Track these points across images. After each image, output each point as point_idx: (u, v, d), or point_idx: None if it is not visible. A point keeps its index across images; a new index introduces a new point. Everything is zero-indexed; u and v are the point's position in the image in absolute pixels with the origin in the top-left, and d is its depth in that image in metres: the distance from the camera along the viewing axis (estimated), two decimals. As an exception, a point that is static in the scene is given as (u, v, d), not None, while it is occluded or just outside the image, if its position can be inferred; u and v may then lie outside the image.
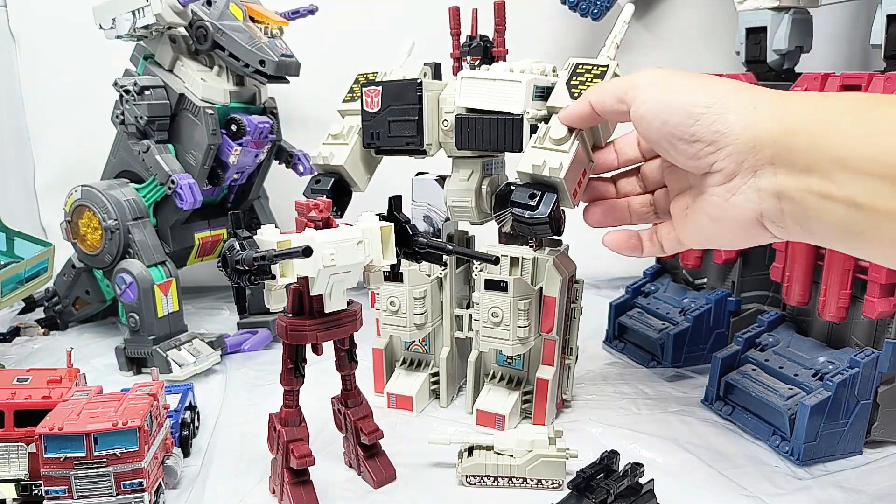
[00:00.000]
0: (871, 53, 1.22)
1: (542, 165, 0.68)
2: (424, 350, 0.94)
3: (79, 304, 1.22)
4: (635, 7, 1.35)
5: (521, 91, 0.72)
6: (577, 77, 0.73)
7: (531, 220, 0.68)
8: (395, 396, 0.90)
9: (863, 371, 0.75)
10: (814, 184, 0.47)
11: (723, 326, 1.03)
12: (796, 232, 0.51)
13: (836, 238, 0.49)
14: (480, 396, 0.87)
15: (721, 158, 0.52)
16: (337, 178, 0.86)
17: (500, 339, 0.81)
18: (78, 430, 0.62)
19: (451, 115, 0.80)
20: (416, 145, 0.82)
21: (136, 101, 1.04)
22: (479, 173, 0.85)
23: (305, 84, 1.13)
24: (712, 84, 0.54)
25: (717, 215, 0.54)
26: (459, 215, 0.87)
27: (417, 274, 0.87)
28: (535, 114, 0.73)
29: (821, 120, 0.47)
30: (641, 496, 0.63)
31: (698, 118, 0.52)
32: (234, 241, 0.60)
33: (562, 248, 0.86)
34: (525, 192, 0.69)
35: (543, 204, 0.68)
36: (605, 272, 1.43)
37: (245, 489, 0.73)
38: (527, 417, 0.87)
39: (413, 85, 0.80)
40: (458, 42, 0.89)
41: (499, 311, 0.80)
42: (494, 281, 0.80)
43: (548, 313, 0.82)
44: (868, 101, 0.49)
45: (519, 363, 0.88)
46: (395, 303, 0.86)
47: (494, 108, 0.74)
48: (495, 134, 0.75)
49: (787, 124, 0.48)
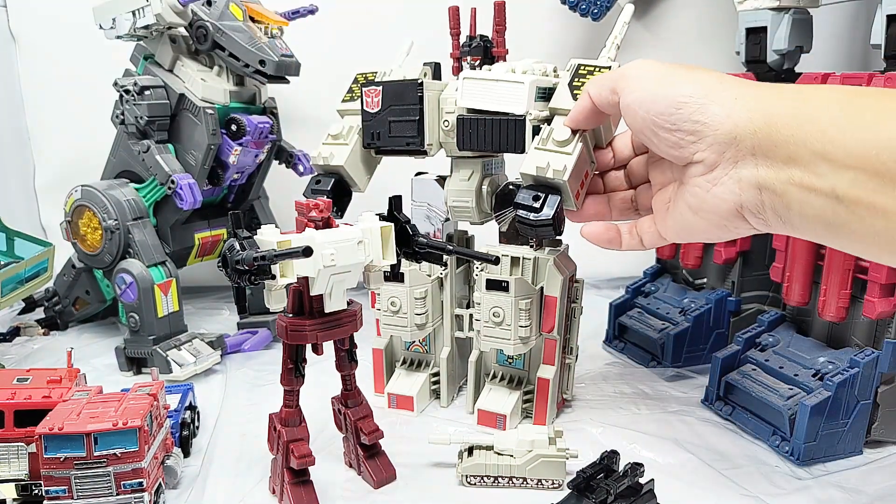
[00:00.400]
0: (871, 53, 1.22)
1: (545, 167, 0.68)
2: (425, 350, 0.94)
3: (79, 304, 1.22)
4: (635, 7, 1.36)
5: (523, 92, 0.72)
6: (580, 78, 0.74)
7: (535, 222, 0.68)
8: (395, 397, 0.91)
9: (863, 371, 0.75)
10: (795, 175, 0.47)
11: (723, 326, 1.03)
12: (776, 224, 0.51)
13: (817, 230, 0.49)
14: (481, 396, 0.87)
15: (702, 149, 0.52)
16: (337, 178, 0.86)
17: (502, 338, 0.81)
18: (78, 430, 0.62)
19: (451, 116, 0.80)
20: (417, 145, 0.82)
21: (136, 101, 1.04)
22: (480, 173, 0.85)
23: (305, 84, 1.13)
24: (698, 75, 0.54)
25: (698, 206, 0.55)
26: (460, 215, 0.87)
27: (418, 274, 0.87)
28: (537, 115, 0.74)
29: (803, 112, 0.47)
30: (641, 496, 0.63)
31: (680, 107, 0.52)
32: (234, 241, 0.60)
33: (562, 248, 0.86)
34: (529, 194, 0.69)
35: (547, 206, 0.68)
36: (605, 272, 1.43)
37: (245, 489, 0.73)
38: (527, 417, 0.87)
39: (414, 85, 0.80)
40: (458, 42, 0.89)
41: (500, 311, 0.80)
42: (496, 281, 0.80)
43: (549, 313, 0.82)
44: (852, 94, 0.49)
45: (519, 363, 0.88)
46: (395, 303, 0.86)
47: (497, 109, 0.74)
48: (497, 135, 0.75)
49: (770, 116, 0.49)
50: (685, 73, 0.54)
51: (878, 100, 0.46)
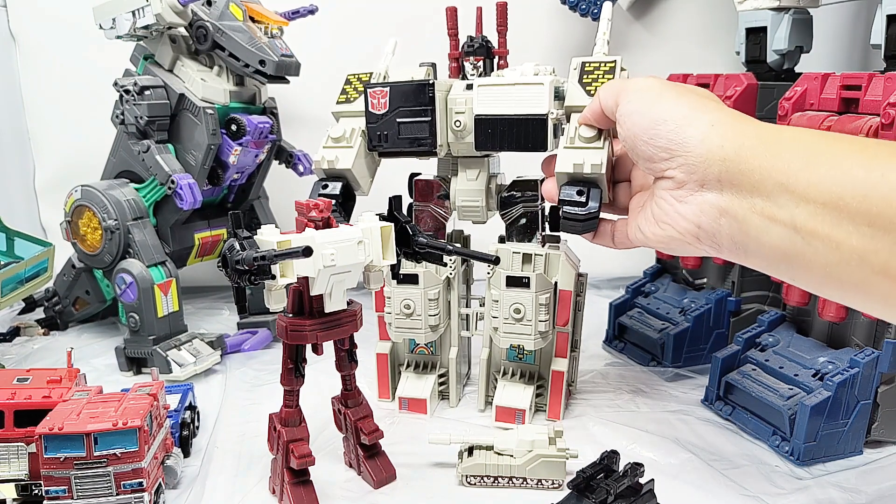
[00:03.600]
0: (871, 53, 1.22)
1: (582, 164, 0.69)
2: (430, 352, 0.94)
3: (79, 304, 1.22)
4: (636, 7, 1.36)
5: (544, 92, 0.75)
6: (588, 75, 0.76)
7: (584, 216, 0.69)
8: (407, 400, 0.90)
9: (863, 371, 0.75)
10: (757, 204, 0.50)
11: (723, 326, 1.02)
12: (730, 249, 0.54)
13: (773, 258, 0.51)
14: (497, 393, 0.87)
15: (673, 167, 0.55)
16: (344, 182, 0.85)
17: (523, 334, 0.82)
18: (78, 430, 0.62)
19: (462, 116, 0.81)
20: (430, 146, 0.82)
21: (136, 101, 1.04)
22: (486, 173, 0.85)
23: (305, 84, 1.13)
24: (686, 98, 0.57)
25: (661, 218, 0.57)
26: (468, 215, 0.87)
27: (432, 275, 0.87)
28: (557, 114, 0.76)
29: (773, 146, 0.50)
30: (641, 496, 0.63)
31: (659, 126, 0.55)
32: (234, 241, 0.60)
33: (559, 244, 0.86)
34: (573, 190, 0.70)
35: (592, 199, 0.69)
36: (605, 272, 1.43)
37: (245, 489, 0.73)
38: (539, 411, 0.88)
39: (425, 86, 0.80)
40: (456, 42, 0.89)
41: (521, 307, 0.81)
42: (516, 277, 0.82)
43: (563, 306, 0.84)
44: (822, 136, 0.51)
45: (530, 358, 0.89)
46: (409, 305, 0.86)
47: (518, 113, 0.76)
48: (520, 134, 0.77)
49: (741, 147, 0.51)
50: (675, 95, 0.57)
51: (846, 143, 0.49)
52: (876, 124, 0.72)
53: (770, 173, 0.49)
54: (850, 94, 0.78)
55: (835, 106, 0.79)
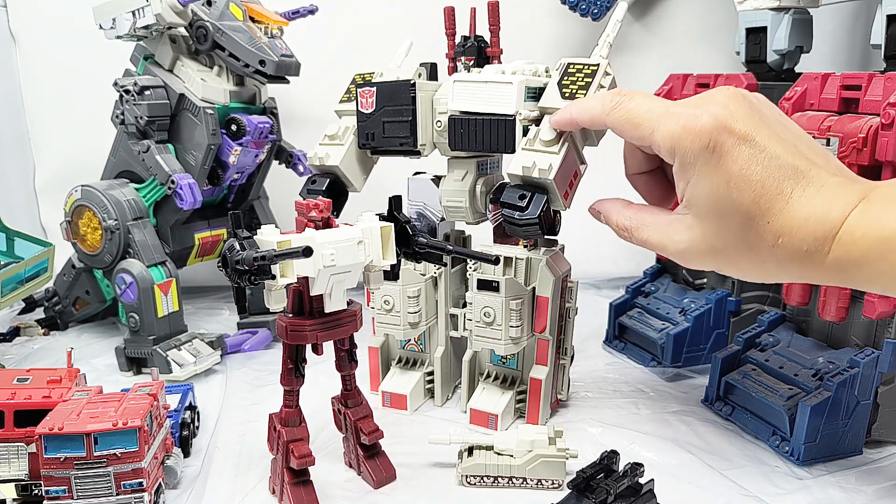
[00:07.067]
0: (871, 53, 1.22)
1: (531, 167, 0.68)
2: (420, 349, 0.94)
3: (79, 304, 1.22)
4: (635, 7, 1.36)
5: (512, 92, 0.73)
6: (569, 77, 0.74)
7: (521, 221, 0.69)
8: (389, 395, 0.90)
9: (863, 371, 0.75)
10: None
11: (723, 326, 1.03)
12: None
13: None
14: (474, 395, 0.87)
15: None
16: (333, 178, 0.86)
17: (493, 338, 0.81)
18: (78, 430, 0.62)
19: (444, 116, 0.80)
20: (410, 146, 0.82)
21: (136, 101, 1.04)
22: (474, 173, 0.85)
23: (305, 84, 1.13)
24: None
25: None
26: (454, 215, 0.87)
27: (412, 273, 0.87)
28: (527, 115, 0.74)
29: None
30: (641, 496, 0.63)
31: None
32: (234, 241, 0.60)
33: (557, 248, 0.86)
34: (515, 193, 0.70)
35: (533, 205, 0.68)
36: (605, 272, 1.43)
37: (245, 489, 0.73)
38: (521, 417, 0.87)
39: (407, 85, 0.80)
40: (454, 42, 0.89)
41: (491, 311, 0.80)
42: (486, 281, 0.80)
43: (541, 313, 0.82)
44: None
45: (513, 363, 0.88)
46: (389, 301, 0.86)
47: (487, 111, 0.75)
48: (488, 135, 0.75)
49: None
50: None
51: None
52: (876, 124, 0.72)
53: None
54: (850, 94, 0.78)
55: (835, 106, 0.79)
